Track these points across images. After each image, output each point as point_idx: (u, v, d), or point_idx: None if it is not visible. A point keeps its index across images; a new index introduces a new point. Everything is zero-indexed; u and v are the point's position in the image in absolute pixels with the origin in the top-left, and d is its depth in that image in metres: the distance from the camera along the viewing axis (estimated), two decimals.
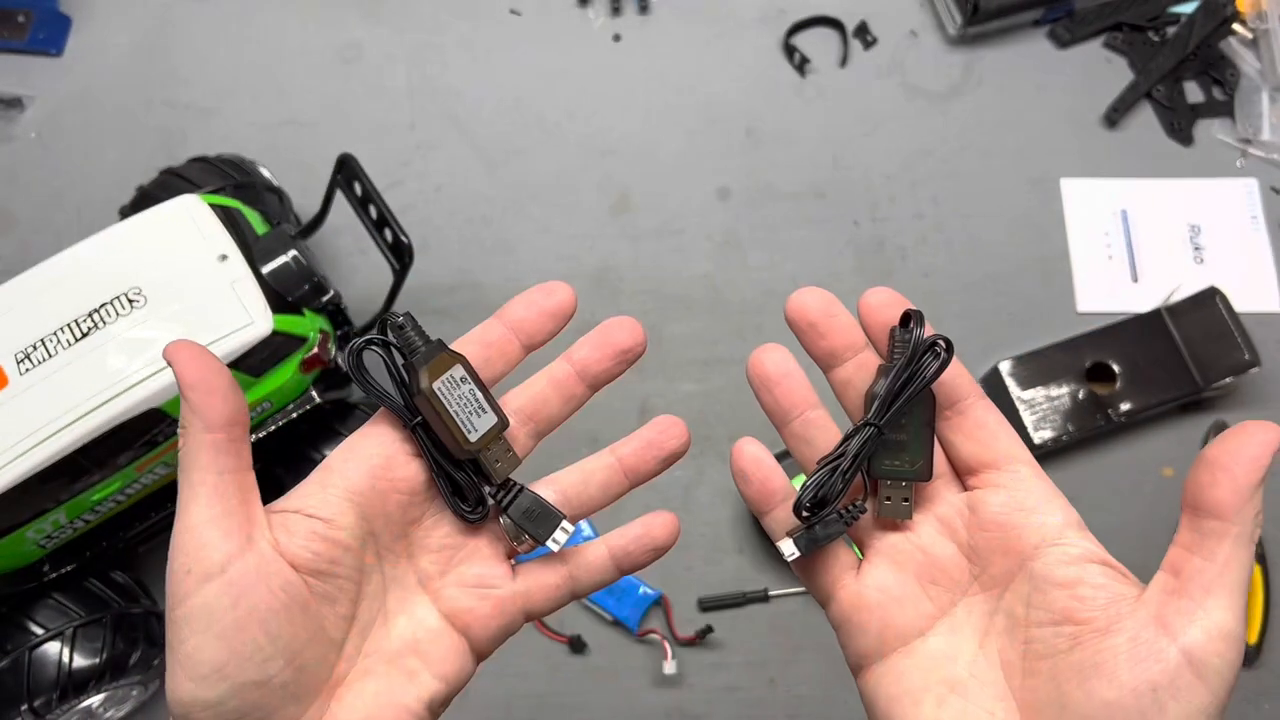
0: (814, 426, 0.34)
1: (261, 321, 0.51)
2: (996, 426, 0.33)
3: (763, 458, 0.35)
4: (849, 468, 0.32)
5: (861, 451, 0.32)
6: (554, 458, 0.70)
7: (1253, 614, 0.65)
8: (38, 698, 0.53)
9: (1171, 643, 0.28)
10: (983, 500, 0.32)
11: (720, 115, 0.78)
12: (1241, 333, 0.68)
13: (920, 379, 0.32)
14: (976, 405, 0.33)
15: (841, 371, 0.34)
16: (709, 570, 0.67)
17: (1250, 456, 0.29)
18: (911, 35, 0.81)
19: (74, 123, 0.78)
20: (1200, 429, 0.69)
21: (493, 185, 0.76)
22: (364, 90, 0.79)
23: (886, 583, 0.33)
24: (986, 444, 0.32)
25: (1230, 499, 0.29)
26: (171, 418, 0.51)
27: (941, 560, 0.33)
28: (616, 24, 0.81)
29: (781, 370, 0.34)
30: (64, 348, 0.49)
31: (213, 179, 0.65)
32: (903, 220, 0.75)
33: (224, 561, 0.29)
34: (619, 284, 0.73)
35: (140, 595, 0.59)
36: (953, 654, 0.32)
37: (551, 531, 0.34)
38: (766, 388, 0.35)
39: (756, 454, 0.35)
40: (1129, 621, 0.29)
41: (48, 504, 0.51)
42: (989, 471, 0.32)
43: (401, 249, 0.59)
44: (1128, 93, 0.78)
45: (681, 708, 0.64)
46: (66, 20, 0.80)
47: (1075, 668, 0.29)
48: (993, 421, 0.33)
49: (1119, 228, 0.75)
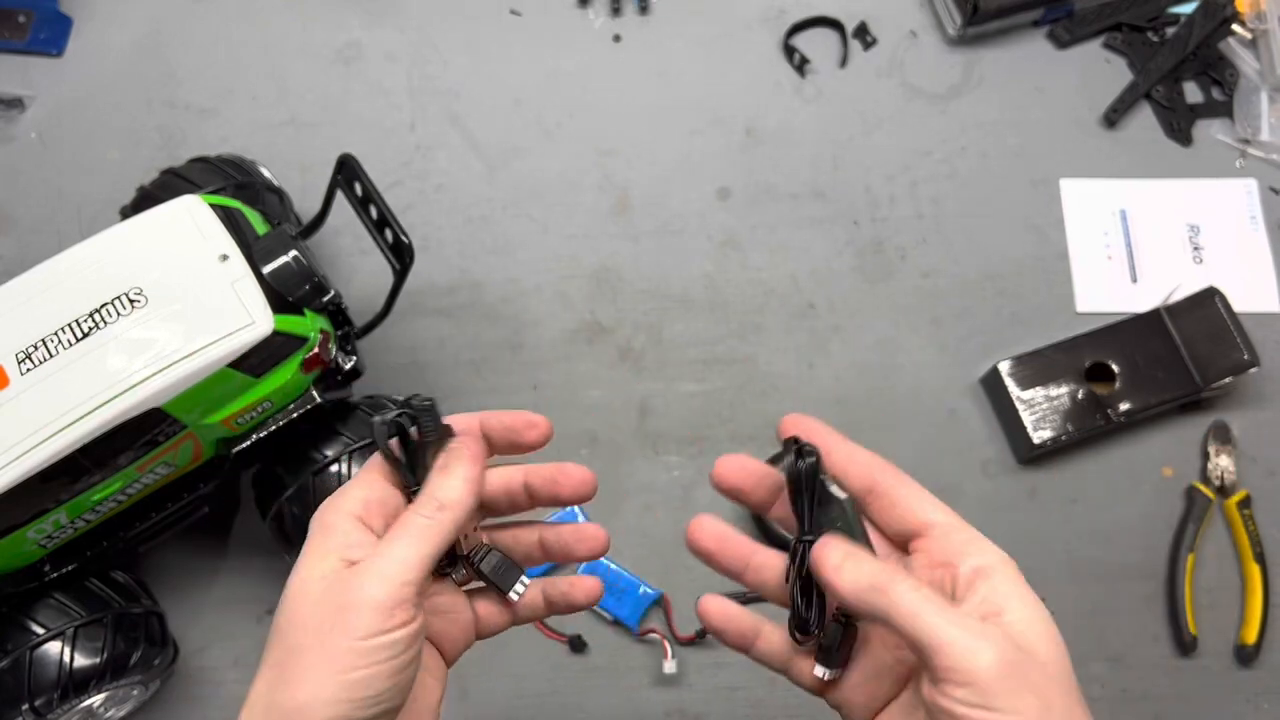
0: (764, 569, 0.39)
1: (262, 321, 0.51)
2: (908, 498, 0.36)
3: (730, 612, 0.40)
4: (805, 585, 0.36)
5: (806, 563, 0.36)
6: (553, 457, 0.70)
7: (1252, 614, 0.65)
8: (38, 697, 0.53)
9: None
10: (911, 563, 0.36)
11: (720, 115, 0.78)
12: (1240, 333, 0.68)
13: (813, 488, 0.36)
14: (886, 482, 0.36)
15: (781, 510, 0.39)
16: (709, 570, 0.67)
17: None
18: (911, 36, 0.81)
19: (74, 123, 0.78)
20: (1200, 429, 0.70)
21: (493, 185, 0.76)
22: (364, 90, 0.79)
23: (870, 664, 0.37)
24: (905, 517, 0.36)
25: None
26: (172, 418, 0.51)
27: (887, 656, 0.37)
28: (616, 24, 0.81)
29: (717, 538, 0.39)
30: (65, 348, 0.49)
31: (213, 179, 0.65)
32: (903, 220, 0.75)
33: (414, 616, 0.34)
34: (619, 284, 0.74)
35: (141, 595, 0.59)
36: (918, 705, 0.35)
37: (514, 584, 0.40)
38: (710, 558, 0.39)
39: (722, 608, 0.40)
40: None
41: (48, 504, 0.51)
42: (920, 540, 0.35)
43: (402, 249, 0.59)
44: (1127, 93, 0.78)
45: (681, 707, 0.64)
46: (67, 20, 0.80)
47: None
48: (904, 492, 0.36)
49: (1118, 228, 0.75)
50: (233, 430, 0.56)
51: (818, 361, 0.72)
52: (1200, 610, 0.65)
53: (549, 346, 0.72)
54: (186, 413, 0.52)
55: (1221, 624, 0.65)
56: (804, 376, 0.71)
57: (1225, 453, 0.68)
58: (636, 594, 0.64)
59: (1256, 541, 0.66)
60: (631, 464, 0.69)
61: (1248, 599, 0.65)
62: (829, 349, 0.72)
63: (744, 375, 0.71)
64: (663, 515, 0.68)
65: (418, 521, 0.35)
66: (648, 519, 0.68)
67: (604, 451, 0.69)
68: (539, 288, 0.73)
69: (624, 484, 0.68)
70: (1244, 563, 0.66)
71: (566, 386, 0.71)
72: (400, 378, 0.71)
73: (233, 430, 0.56)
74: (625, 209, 0.76)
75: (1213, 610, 0.66)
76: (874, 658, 0.37)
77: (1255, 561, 0.65)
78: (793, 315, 0.73)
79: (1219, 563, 0.67)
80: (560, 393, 0.70)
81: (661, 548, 0.67)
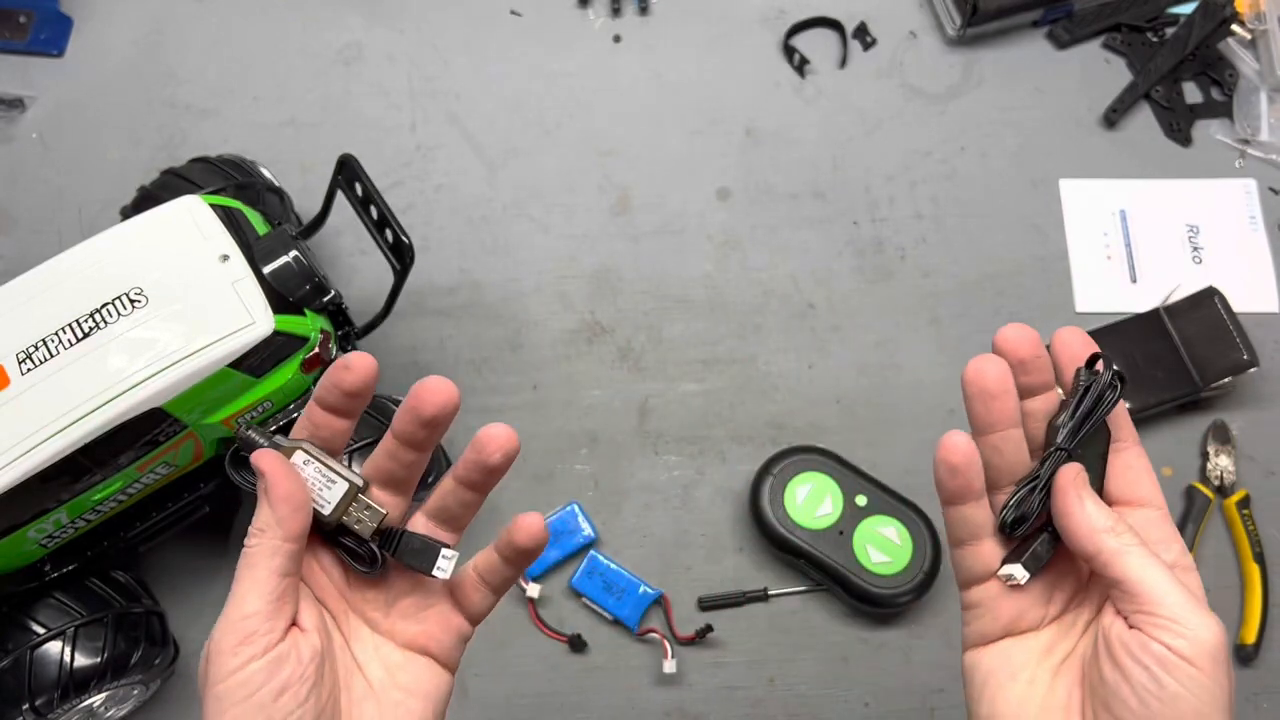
0: (1010, 441, 0.37)
1: (263, 322, 0.51)
2: (1141, 472, 0.37)
3: (975, 456, 0.37)
4: (1043, 487, 0.36)
5: (1054, 474, 0.36)
6: (553, 457, 0.70)
7: (1252, 614, 0.65)
8: (39, 697, 0.53)
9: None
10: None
11: (720, 115, 0.79)
12: (1240, 333, 0.68)
13: (1100, 412, 0.36)
14: (1131, 449, 0.37)
15: (1030, 403, 0.38)
16: (709, 570, 0.67)
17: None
18: (911, 36, 0.81)
19: (75, 123, 0.78)
20: (1199, 429, 0.70)
21: (493, 185, 0.76)
22: (364, 91, 0.79)
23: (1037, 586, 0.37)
24: (1131, 484, 0.37)
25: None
26: (172, 418, 0.51)
27: (1066, 570, 0.38)
28: (616, 25, 0.81)
29: (1002, 386, 0.37)
30: (65, 348, 0.49)
31: (214, 179, 0.66)
32: (902, 220, 0.75)
33: (268, 644, 0.33)
34: (619, 284, 0.74)
35: (141, 595, 0.59)
36: (1053, 648, 0.37)
37: (434, 562, 0.37)
38: (984, 400, 0.37)
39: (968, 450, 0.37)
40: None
41: (49, 503, 0.51)
42: (1126, 508, 0.37)
43: (402, 249, 0.59)
44: (1126, 93, 0.78)
45: (681, 707, 0.64)
46: (68, 21, 0.80)
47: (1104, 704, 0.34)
48: (1139, 466, 0.37)
49: (1118, 228, 0.75)
50: (233, 430, 0.56)
51: (818, 361, 0.72)
52: None
53: (549, 346, 0.72)
54: (187, 413, 0.52)
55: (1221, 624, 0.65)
56: (804, 376, 0.71)
57: (1224, 453, 0.68)
58: (636, 594, 0.64)
59: (1256, 541, 0.66)
60: (631, 464, 0.69)
61: (1247, 599, 0.65)
62: (829, 349, 0.72)
63: (744, 375, 0.71)
64: (662, 515, 0.68)
65: (245, 553, 0.35)
66: (648, 519, 0.68)
67: (604, 451, 0.69)
68: (539, 288, 0.73)
69: (624, 484, 0.68)
70: (1243, 562, 0.66)
71: (566, 386, 0.71)
72: (400, 378, 0.71)
73: (233, 430, 0.56)
74: (625, 209, 0.76)
75: (1212, 610, 0.66)
76: (1049, 585, 0.38)
77: (1254, 561, 0.65)
78: (793, 315, 0.73)
79: (1218, 562, 0.67)
80: (560, 393, 0.71)
81: (661, 548, 0.67)
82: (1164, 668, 0.32)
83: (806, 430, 0.70)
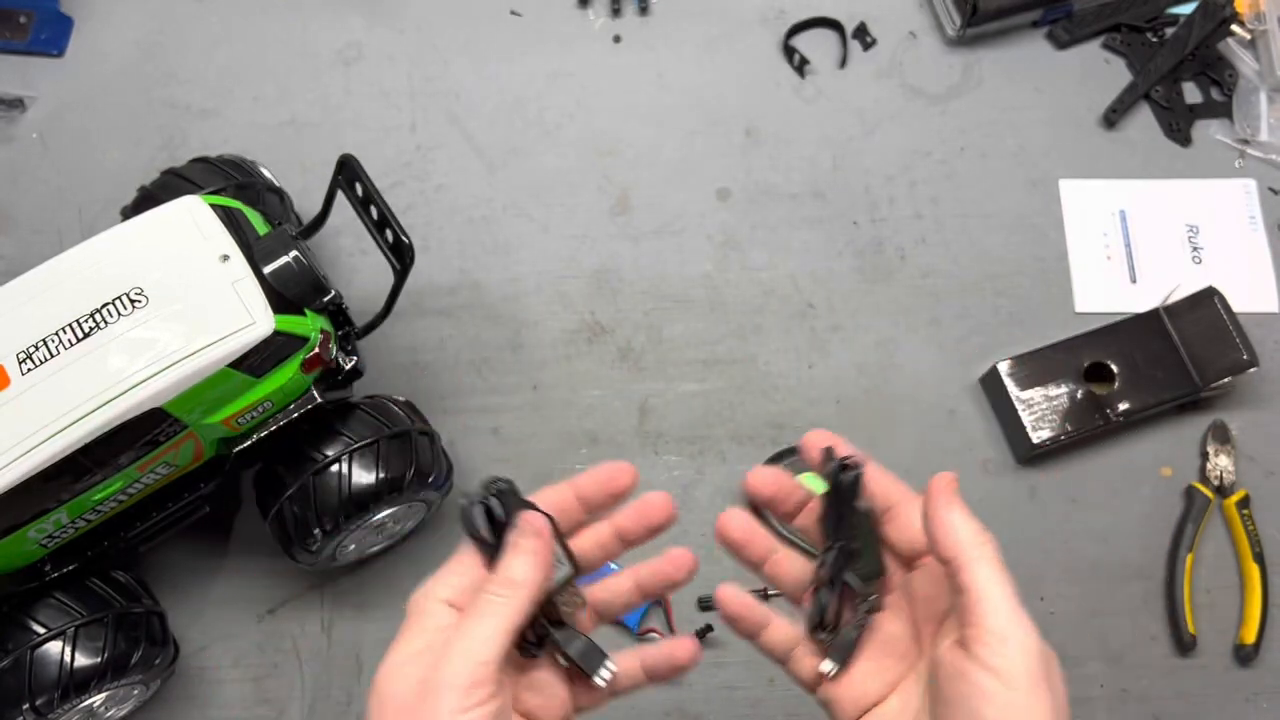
0: (784, 560, 0.42)
1: (263, 322, 0.51)
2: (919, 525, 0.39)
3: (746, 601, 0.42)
4: (831, 584, 0.39)
5: (836, 567, 0.39)
6: (553, 457, 0.70)
7: (1251, 613, 0.65)
8: (39, 697, 0.53)
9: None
10: (913, 580, 0.39)
11: (720, 116, 0.79)
12: (1239, 333, 0.68)
13: (847, 498, 0.39)
14: (905, 508, 0.39)
15: (801, 519, 0.42)
16: (709, 570, 0.66)
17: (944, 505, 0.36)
18: (910, 36, 0.81)
19: (75, 123, 0.78)
20: (1199, 429, 0.70)
21: (493, 185, 0.76)
22: (364, 91, 0.79)
23: (863, 666, 0.40)
24: (915, 540, 0.39)
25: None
26: (172, 418, 0.51)
27: (896, 637, 0.40)
28: (616, 25, 0.81)
29: (746, 536, 0.42)
30: (66, 348, 0.49)
31: (214, 179, 0.66)
32: (902, 220, 0.75)
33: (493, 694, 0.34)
34: (619, 284, 0.74)
35: (141, 595, 0.59)
36: (902, 710, 0.38)
37: (597, 670, 0.40)
38: (736, 549, 0.42)
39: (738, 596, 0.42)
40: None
41: (49, 503, 0.51)
42: (921, 559, 0.39)
43: (402, 249, 0.59)
44: (1126, 94, 0.78)
45: (681, 707, 0.64)
46: (68, 21, 0.80)
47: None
48: (917, 519, 0.38)
49: (1117, 228, 0.75)
50: (233, 430, 0.56)
51: (818, 361, 0.72)
52: (1199, 610, 0.65)
53: (549, 346, 0.72)
54: (187, 413, 0.52)
55: (1220, 624, 0.65)
56: (804, 376, 0.71)
57: (1224, 452, 0.68)
58: None
59: (1255, 541, 0.66)
60: (631, 464, 0.69)
61: (1247, 599, 0.66)
62: (829, 349, 0.72)
63: (744, 375, 0.71)
64: None
65: (491, 601, 0.36)
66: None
67: (604, 451, 0.69)
68: (539, 288, 0.73)
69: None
70: (1243, 562, 0.66)
71: (566, 386, 0.71)
72: (400, 378, 0.71)
73: (233, 430, 0.56)
74: (625, 209, 0.76)
75: (1212, 610, 0.66)
76: (877, 659, 0.40)
77: (1254, 561, 0.65)
78: (793, 315, 0.73)
79: (1218, 562, 0.67)
80: (560, 393, 0.71)
81: (662, 548, 0.67)
82: (982, 699, 0.33)
83: (806, 430, 0.69)
